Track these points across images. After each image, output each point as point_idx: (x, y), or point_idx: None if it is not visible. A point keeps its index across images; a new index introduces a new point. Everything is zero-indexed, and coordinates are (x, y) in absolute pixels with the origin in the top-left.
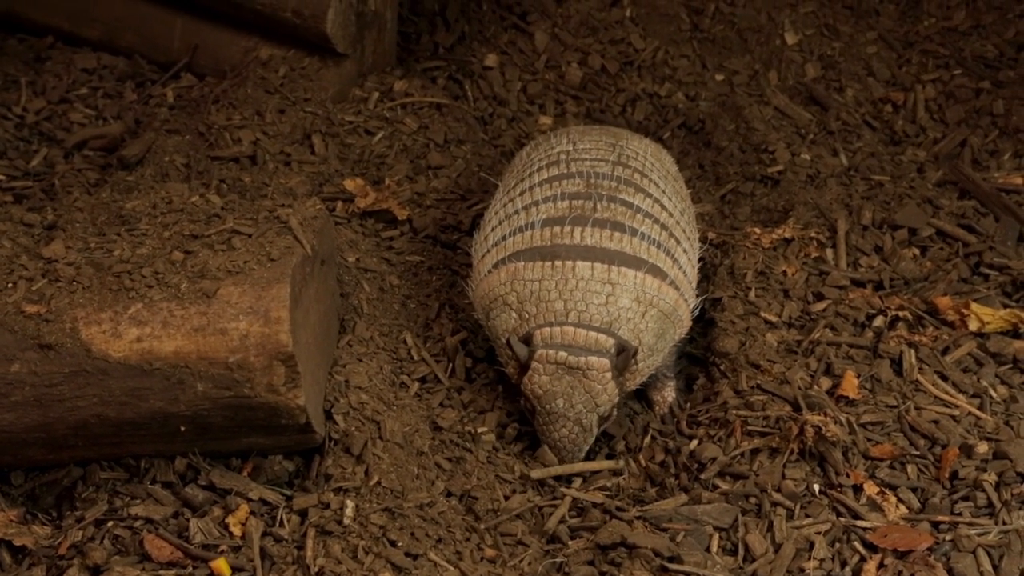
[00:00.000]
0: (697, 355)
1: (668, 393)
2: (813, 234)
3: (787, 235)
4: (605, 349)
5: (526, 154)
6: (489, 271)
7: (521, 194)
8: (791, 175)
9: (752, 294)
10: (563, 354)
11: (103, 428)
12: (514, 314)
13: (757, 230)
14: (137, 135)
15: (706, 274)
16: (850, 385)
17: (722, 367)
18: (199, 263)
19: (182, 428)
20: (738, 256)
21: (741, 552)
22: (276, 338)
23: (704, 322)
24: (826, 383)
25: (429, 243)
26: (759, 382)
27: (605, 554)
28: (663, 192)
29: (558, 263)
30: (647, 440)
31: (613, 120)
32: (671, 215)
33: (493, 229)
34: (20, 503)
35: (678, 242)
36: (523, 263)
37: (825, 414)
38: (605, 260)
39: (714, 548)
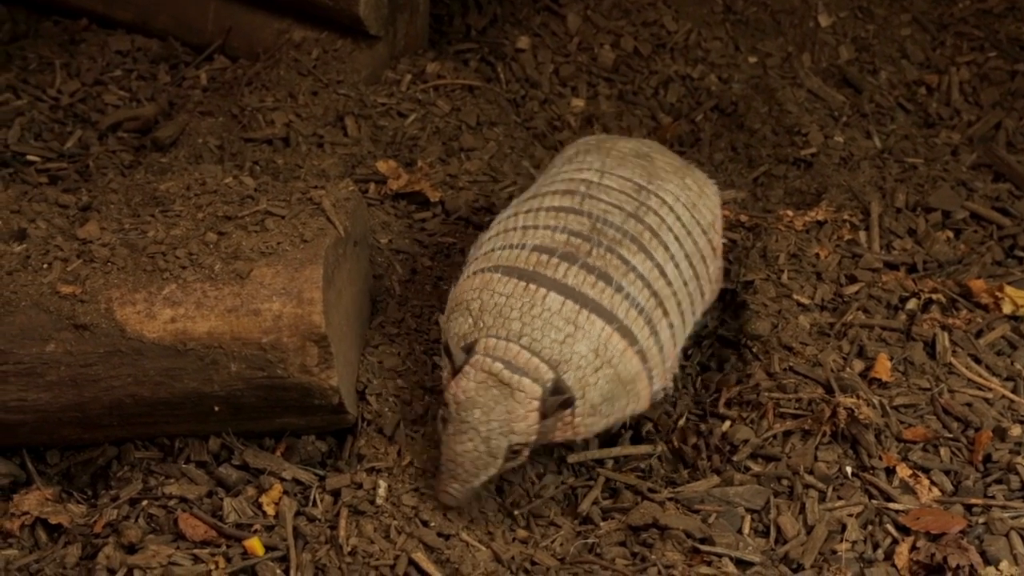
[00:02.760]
0: (729, 337)
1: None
2: (846, 216)
3: (820, 217)
4: (542, 379)
5: (560, 163)
6: (468, 277)
7: (527, 212)
8: (824, 158)
9: (785, 276)
10: (499, 366)
11: (137, 408)
12: (470, 320)
13: (790, 212)
14: (171, 117)
15: (738, 256)
16: (883, 368)
17: (754, 349)
18: (233, 244)
19: (216, 408)
20: (771, 239)
21: (773, 534)
22: (309, 319)
23: (736, 305)
24: (859, 365)
25: (461, 225)
26: (792, 364)
27: (637, 535)
28: (671, 257)
29: (532, 286)
30: (681, 422)
31: (645, 103)
32: (670, 284)
33: (491, 238)
34: (56, 482)
35: (665, 314)
36: (499, 275)
37: (858, 396)
38: (579, 302)
39: (746, 530)
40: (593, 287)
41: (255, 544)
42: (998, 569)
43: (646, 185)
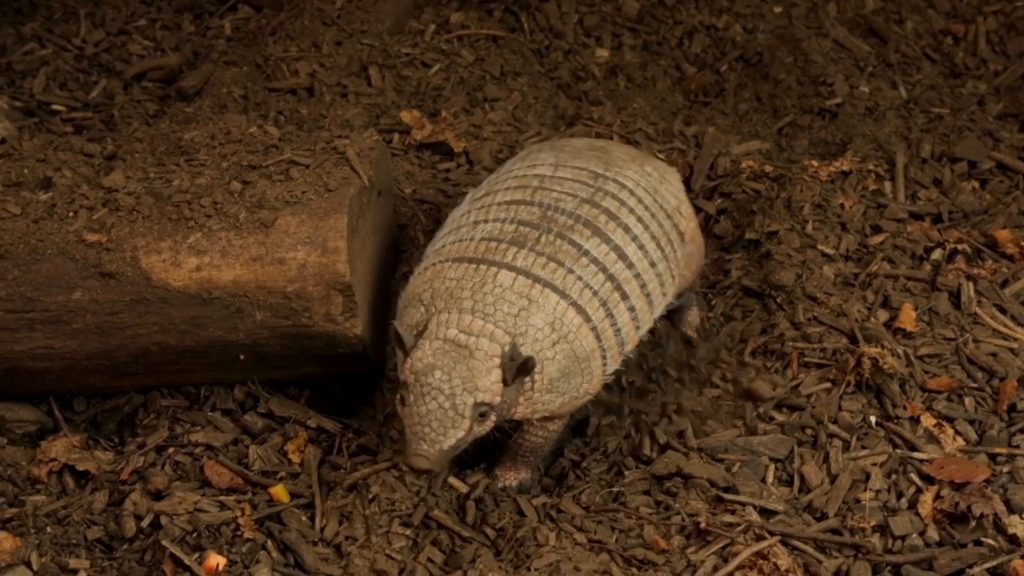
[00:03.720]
0: (753, 288)
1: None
2: (871, 167)
3: (845, 168)
4: (500, 341)
5: (512, 163)
6: (418, 273)
7: (478, 208)
8: (849, 108)
9: (809, 227)
10: (454, 331)
11: (163, 356)
12: (422, 309)
13: (815, 163)
14: (195, 67)
15: (762, 207)
16: (908, 318)
17: (779, 299)
18: (257, 193)
19: (241, 356)
20: (795, 189)
21: (797, 483)
22: (334, 268)
23: (760, 255)
24: (883, 315)
25: (485, 175)
26: (816, 314)
27: (661, 484)
28: (631, 239)
29: (482, 267)
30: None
31: (670, 53)
32: (630, 267)
33: (443, 235)
34: (82, 429)
35: (624, 298)
36: (448, 264)
37: (882, 346)
38: (531, 279)
39: (770, 479)
40: (544, 268)
41: (280, 491)
42: (1022, 518)
43: (603, 172)
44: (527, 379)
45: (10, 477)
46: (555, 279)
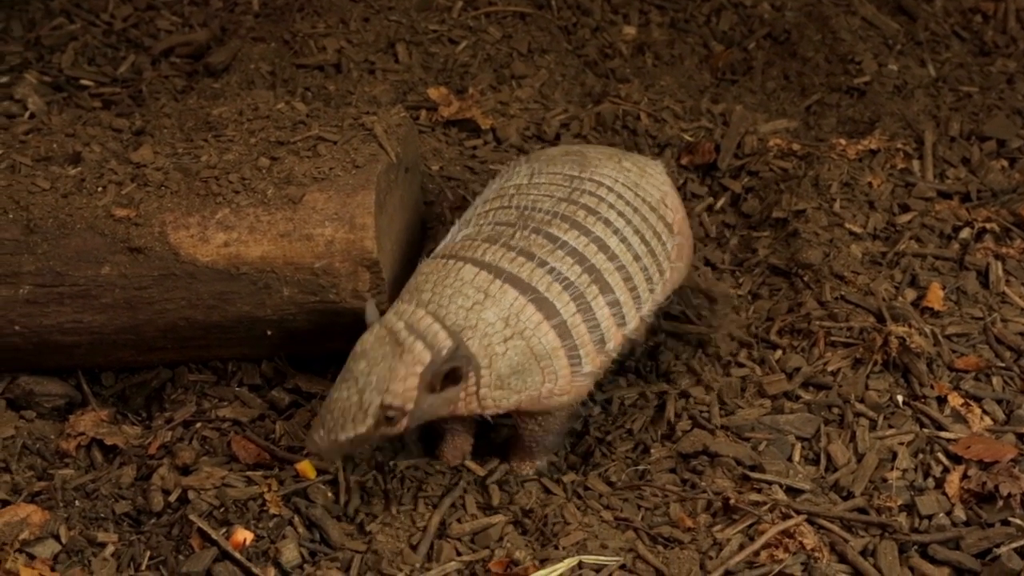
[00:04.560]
0: (780, 266)
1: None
2: (900, 145)
3: (873, 146)
4: (437, 346)
5: (492, 182)
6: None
7: (463, 222)
8: (878, 86)
9: (837, 205)
10: (400, 324)
11: (191, 331)
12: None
13: (843, 141)
14: (223, 43)
15: (790, 186)
16: (935, 297)
17: (806, 278)
18: (285, 169)
19: (268, 332)
20: (823, 167)
21: (823, 462)
22: (361, 244)
23: (787, 233)
24: (911, 294)
25: (512, 152)
26: (843, 293)
27: (687, 462)
28: (613, 232)
29: (450, 262)
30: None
31: (697, 30)
32: (613, 258)
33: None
34: (111, 403)
35: (605, 291)
36: (427, 261)
37: (910, 325)
38: (493, 273)
39: (796, 457)
40: (512, 262)
41: (307, 467)
42: None
43: (579, 174)
44: (470, 377)
45: (39, 451)
46: (521, 273)
